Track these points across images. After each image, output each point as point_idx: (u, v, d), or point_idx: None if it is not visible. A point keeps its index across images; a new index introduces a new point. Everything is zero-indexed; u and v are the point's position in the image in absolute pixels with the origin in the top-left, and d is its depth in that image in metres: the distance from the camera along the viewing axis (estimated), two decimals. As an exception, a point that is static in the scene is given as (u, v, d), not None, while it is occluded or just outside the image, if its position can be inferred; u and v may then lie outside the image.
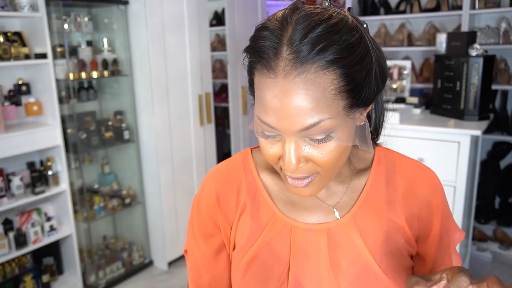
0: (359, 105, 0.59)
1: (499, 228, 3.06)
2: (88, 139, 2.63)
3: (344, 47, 0.54)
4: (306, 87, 0.53)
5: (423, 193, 0.71)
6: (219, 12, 3.86)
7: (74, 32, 2.61)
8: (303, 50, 0.53)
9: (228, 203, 0.75)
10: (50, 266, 2.59)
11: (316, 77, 0.53)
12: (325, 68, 0.53)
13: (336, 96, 0.55)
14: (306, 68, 0.53)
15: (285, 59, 0.54)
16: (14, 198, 2.29)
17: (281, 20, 0.56)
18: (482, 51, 2.25)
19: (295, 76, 0.53)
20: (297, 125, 0.55)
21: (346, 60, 0.54)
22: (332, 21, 0.55)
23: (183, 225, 3.02)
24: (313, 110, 0.54)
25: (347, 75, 0.55)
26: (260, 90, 0.57)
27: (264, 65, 0.56)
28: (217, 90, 4.09)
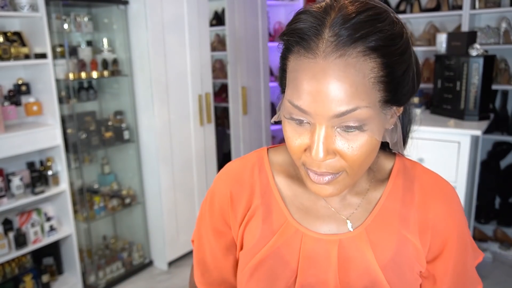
0: (394, 102, 0.57)
1: (499, 228, 3.06)
2: (88, 139, 2.63)
3: (387, 36, 0.53)
4: (346, 70, 0.52)
5: (439, 209, 0.68)
6: (219, 12, 3.86)
7: (74, 32, 2.61)
8: (345, 33, 0.52)
9: (240, 203, 0.73)
10: (50, 266, 2.59)
11: (356, 61, 0.52)
12: (366, 54, 0.52)
13: (375, 85, 0.53)
14: (347, 51, 0.52)
15: (327, 40, 0.53)
16: (14, 198, 2.29)
17: (325, 6, 0.56)
18: (482, 51, 2.25)
19: (336, 58, 0.52)
20: (332, 109, 0.53)
21: (388, 50, 0.53)
22: (376, 11, 0.54)
23: (183, 225, 3.02)
24: (351, 95, 0.52)
25: (388, 65, 0.54)
26: (295, 72, 0.55)
27: (303, 46, 0.54)
28: (217, 90, 4.08)
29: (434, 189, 0.69)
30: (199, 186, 3.11)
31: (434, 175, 0.72)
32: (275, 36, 4.31)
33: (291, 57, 0.57)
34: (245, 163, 0.76)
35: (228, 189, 0.74)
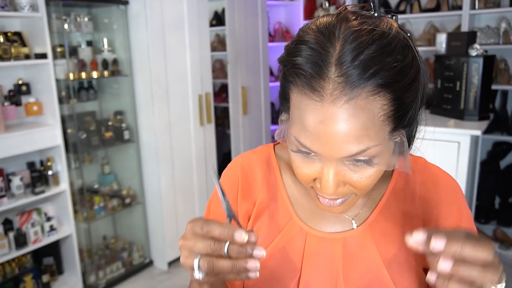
0: (402, 128, 0.56)
1: (499, 228, 3.06)
2: (88, 139, 2.63)
3: (397, 71, 0.50)
4: (355, 114, 0.49)
5: (442, 203, 0.68)
6: (219, 12, 3.86)
7: (74, 32, 2.61)
8: (353, 73, 0.49)
9: (249, 192, 0.73)
10: (50, 266, 2.59)
11: (366, 103, 0.49)
12: (376, 93, 0.50)
13: (384, 121, 0.52)
14: (356, 93, 0.49)
15: (334, 81, 0.49)
16: (14, 198, 2.29)
17: (326, 33, 0.52)
18: (482, 51, 2.25)
19: (345, 102, 0.49)
20: (342, 152, 0.52)
21: (399, 85, 0.51)
22: (385, 41, 0.51)
23: (183, 225, 3.02)
24: (361, 137, 0.51)
25: (398, 99, 0.51)
26: (300, 111, 0.53)
27: (307, 83, 0.51)
28: (217, 90, 4.08)
29: (437, 183, 0.70)
30: (199, 186, 3.11)
31: (436, 170, 0.72)
32: (275, 36, 4.31)
33: (294, 90, 0.54)
34: (256, 157, 0.76)
35: (238, 175, 0.74)
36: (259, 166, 0.75)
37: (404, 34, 0.54)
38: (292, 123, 0.56)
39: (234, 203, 0.74)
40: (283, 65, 0.56)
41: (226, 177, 0.76)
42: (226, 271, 0.51)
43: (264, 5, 3.63)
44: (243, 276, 0.52)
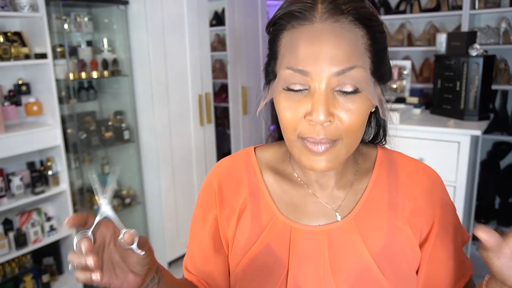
0: (378, 76, 0.62)
1: (499, 228, 3.06)
2: (88, 139, 2.63)
3: (369, 13, 0.59)
4: (342, 32, 0.56)
5: (424, 194, 0.70)
6: (219, 12, 3.86)
7: (74, 32, 2.62)
8: (336, 5, 0.57)
9: (228, 197, 0.74)
10: (50, 266, 2.59)
11: (349, 28, 0.57)
12: (355, 24, 0.58)
13: (365, 51, 0.59)
14: (340, 18, 0.57)
15: (321, 11, 0.58)
16: (14, 198, 2.29)
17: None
18: (482, 51, 2.25)
19: (333, 22, 0.57)
20: (333, 67, 0.56)
21: (373, 23, 0.59)
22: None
23: (183, 225, 3.02)
24: (348, 54, 0.56)
25: (372, 37, 0.59)
26: (291, 43, 0.59)
27: (298, 19, 0.58)
28: (217, 90, 4.09)
29: (418, 175, 0.71)
30: (199, 186, 3.11)
31: (415, 162, 0.74)
32: (275, 36, 4.31)
33: (284, 34, 0.60)
34: (233, 161, 0.77)
35: (217, 182, 0.75)
36: (237, 169, 0.76)
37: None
38: (282, 60, 0.60)
39: (215, 214, 0.75)
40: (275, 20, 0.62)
41: (205, 190, 0.77)
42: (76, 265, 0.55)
43: (264, 5, 3.63)
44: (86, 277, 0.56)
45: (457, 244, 0.72)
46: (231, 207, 0.74)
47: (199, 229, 0.77)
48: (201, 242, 0.77)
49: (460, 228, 0.74)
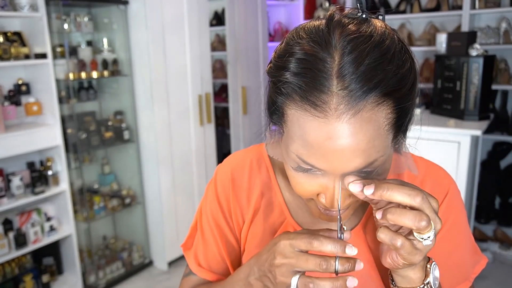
0: (403, 133, 0.54)
1: (499, 228, 3.06)
2: (88, 139, 2.63)
3: (399, 78, 0.49)
4: (362, 127, 0.47)
5: (433, 193, 0.66)
6: (219, 12, 3.86)
7: (74, 32, 2.61)
8: (357, 85, 0.46)
9: (242, 190, 0.73)
10: (50, 266, 2.59)
11: (372, 114, 0.47)
12: (380, 102, 0.48)
13: (388, 131, 0.50)
14: (361, 105, 0.47)
15: (337, 95, 0.47)
16: (14, 198, 2.29)
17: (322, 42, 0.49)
18: (482, 51, 2.24)
19: (351, 116, 0.47)
20: (350, 167, 0.49)
21: (401, 92, 0.49)
22: (384, 47, 0.48)
23: (183, 225, 3.01)
24: (368, 150, 0.49)
25: (401, 107, 0.50)
26: (300, 128, 0.50)
27: (306, 99, 0.48)
28: (217, 90, 4.09)
29: (427, 178, 0.69)
30: (199, 186, 3.11)
31: (427, 165, 0.71)
32: (275, 36, 4.31)
33: (290, 106, 0.50)
34: (246, 157, 0.76)
35: (230, 173, 0.74)
36: (250, 165, 0.74)
37: (398, 36, 0.53)
38: (290, 140, 0.52)
39: (228, 206, 0.74)
40: (274, 80, 0.52)
41: (219, 181, 0.75)
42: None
43: (264, 5, 3.63)
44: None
45: (461, 251, 0.70)
46: (244, 205, 0.73)
47: (214, 220, 0.75)
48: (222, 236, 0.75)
49: (473, 247, 0.71)
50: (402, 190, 0.48)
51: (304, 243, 0.52)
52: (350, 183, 0.50)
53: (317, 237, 0.51)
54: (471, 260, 0.71)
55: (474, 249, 0.72)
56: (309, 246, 0.51)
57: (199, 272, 0.77)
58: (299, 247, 0.52)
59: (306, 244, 0.51)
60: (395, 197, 0.48)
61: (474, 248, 0.72)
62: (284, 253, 0.53)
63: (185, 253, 0.80)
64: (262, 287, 0.59)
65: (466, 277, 0.70)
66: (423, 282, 0.55)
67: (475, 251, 0.72)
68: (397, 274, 0.56)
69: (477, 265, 0.71)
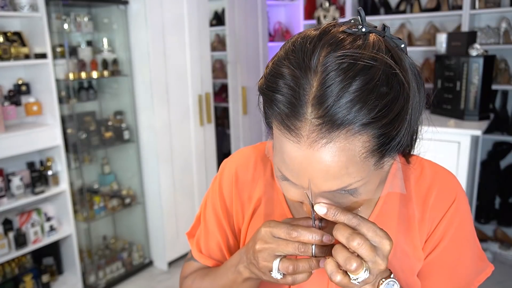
0: (390, 155, 0.53)
1: (499, 228, 3.06)
2: (88, 139, 2.63)
3: (382, 107, 0.46)
4: (334, 156, 0.47)
5: (438, 203, 0.67)
6: (219, 12, 3.86)
7: (74, 32, 2.61)
8: (332, 115, 0.45)
9: (244, 186, 0.74)
10: (50, 266, 2.59)
11: (346, 143, 0.46)
12: (357, 132, 0.46)
13: (367, 157, 0.49)
14: (334, 135, 0.46)
15: (310, 123, 0.47)
16: (14, 198, 2.29)
17: (302, 65, 0.48)
18: (482, 51, 2.24)
19: (322, 146, 0.47)
20: (322, 188, 0.51)
21: (383, 121, 0.47)
22: (367, 76, 0.46)
23: (183, 225, 3.01)
24: (341, 176, 0.49)
25: (382, 135, 0.48)
26: (279, 145, 0.52)
27: (282, 122, 0.49)
28: (217, 90, 4.09)
29: (434, 184, 0.68)
30: (199, 186, 3.11)
31: (434, 170, 0.70)
32: (275, 36, 4.31)
33: (274, 122, 0.52)
34: (252, 153, 0.77)
35: (234, 168, 0.76)
36: (255, 163, 0.76)
37: (394, 55, 0.50)
38: (274, 151, 0.55)
39: (230, 201, 0.76)
40: (263, 95, 0.54)
41: (224, 176, 0.77)
42: (307, 270, 0.56)
43: (264, 5, 3.63)
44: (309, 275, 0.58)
45: (465, 259, 0.69)
46: (246, 200, 0.74)
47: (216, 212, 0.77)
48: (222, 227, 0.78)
49: (478, 253, 0.70)
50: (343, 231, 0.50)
51: (283, 233, 0.55)
52: (317, 204, 0.53)
53: (296, 228, 0.55)
54: (476, 267, 0.70)
55: (480, 256, 0.71)
56: (288, 236, 0.55)
57: (200, 258, 0.80)
58: (279, 236, 0.56)
59: (285, 234, 0.55)
60: (336, 236, 0.51)
61: (480, 256, 0.71)
62: (265, 239, 0.57)
63: (189, 240, 0.84)
64: (250, 274, 0.62)
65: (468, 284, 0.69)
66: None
67: (481, 258, 0.71)
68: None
69: (482, 273, 0.70)
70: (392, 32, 3.12)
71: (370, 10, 3.40)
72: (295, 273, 0.56)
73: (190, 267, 0.82)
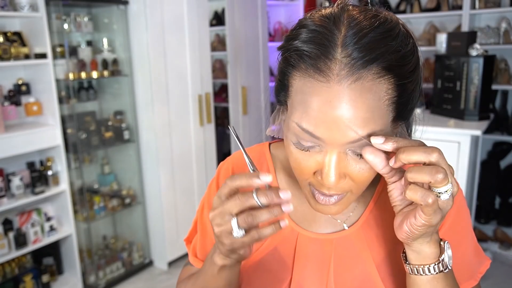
0: (402, 119, 0.55)
1: (499, 228, 3.06)
2: (88, 139, 2.63)
3: (400, 56, 0.51)
4: (362, 94, 0.49)
5: None
6: (219, 12, 3.86)
7: (74, 32, 2.61)
8: (359, 55, 0.49)
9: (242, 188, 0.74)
10: (50, 266, 2.59)
11: (372, 84, 0.49)
12: (381, 75, 0.50)
13: (388, 106, 0.51)
14: (363, 74, 0.49)
15: (340, 62, 0.49)
16: (14, 198, 2.29)
17: (331, 17, 0.52)
18: (482, 51, 2.24)
19: (352, 82, 0.49)
20: (348, 136, 0.50)
21: (402, 70, 0.51)
22: (388, 26, 0.51)
23: (183, 225, 3.02)
24: (367, 120, 0.49)
25: (401, 85, 0.51)
26: (304, 94, 0.52)
27: (312, 65, 0.50)
28: (217, 90, 4.09)
29: None
30: (199, 186, 3.11)
31: None
32: (275, 36, 4.31)
33: (296, 75, 0.53)
34: (249, 154, 0.76)
35: (231, 168, 0.75)
36: None
37: (404, 24, 0.56)
38: (293, 110, 0.54)
39: None
40: (284, 51, 0.55)
41: (221, 178, 0.77)
42: (265, 218, 0.51)
43: (264, 5, 3.63)
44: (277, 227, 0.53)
45: (466, 249, 0.69)
46: None
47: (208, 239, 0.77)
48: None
49: (475, 248, 0.71)
50: (418, 149, 0.48)
51: (223, 187, 0.53)
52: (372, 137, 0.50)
53: (232, 176, 0.53)
54: (477, 260, 0.71)
55: (477, 249, 0.72)
56: (226, 187, 0.53)
57: (195, 262, 0.79)
58: (224, 194, 0.53)
59: (224, 187, 0.53)
60: (412, 158, 0.48)
61: (478, 249, 0.72)
62: (214, 205, 0.54)
63: (187, 246, 0.83)
64: (222, 259, 0.59)
65: (471, 275, 0.70)
66: (438, 258, 0.55)
67: (478, 251, 0.72)
68: (412, 249, 0.55)
69: (482, 266, 0.71)
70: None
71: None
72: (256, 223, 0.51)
73: (186, 272, 0.82)
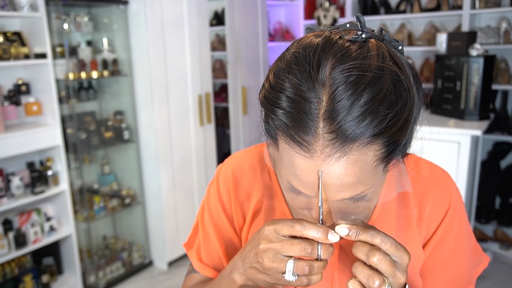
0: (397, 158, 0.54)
1: (500, 228, 3.06)
2: (88, 139, 2.63)
3: (392, 116, 0.47)
4: (347, 168, 0.47)
5: (433, 200, 0.67)
6: (219, 12, 3.86)
7: (74, 32, 2.61)
8: (345, 130, 0.45)
9: (242, 188, 0.73)
10: (50, 266, 2.59)
11: (359, 155, 0.47)
12: (369, 143, 0.47)
13: (377, 165, 0.50)
14: (347, 149, 0.46)
15: (323, 138, 0.46)
16: (13, 198, 2.28)
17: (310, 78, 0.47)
18: (483, 51, 2.24)
19: (336, 160, 0.47)
20: (335, 198, 0.51)
21: (392, 130, 0.48)
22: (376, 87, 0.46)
23: (183, 225, 3.01)
24: (354, 186, 0.49)
25: (391, 142, 0.49)
26: (289, 160, 0.50)
27: (292, 138, 0.48)
28: (217, 90, 4.08)
29: (428, 181, 0.69)
30: (199, 186, 3.11)
31: (427, 166, 0.71)
32: (275, 36, 4.31)
33: (281, 136, 0.51)
34: (247, 157, 0.76)
35: (231, 171, 0.75)
36: (251, 167, 0.74)
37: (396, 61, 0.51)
38: (282, 164, 0.53)
39: (229, 205, 0.74)
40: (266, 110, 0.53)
41: (221, 181, 0.76)
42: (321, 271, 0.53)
43: (264, 5, 3.63)
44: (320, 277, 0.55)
45: (465, 257, 0.70)
46: (245, 204, 0.73)
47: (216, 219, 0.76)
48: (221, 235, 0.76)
49: (474, 246, 0.71)
50: (362, 247, 0.50)
51: (287, 227, 0.53)
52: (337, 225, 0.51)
53: (300, 221, 0.52)
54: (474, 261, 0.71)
55: (476, 249, 0.72)
56: (292, 229, 0.52)
57: (202, 269, 0.78)
58: (283, 232, 0.53)
59: (288, 228, 0.53)
60: (355, 253, 0.50)
61: (476, 249, 0.72)
62: (269, 238, 0.54)
63: (188, 252, 0.82)
64: (245, 280, 0.59)
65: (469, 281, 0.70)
66: None
67: (477, 251, 0.72)
68: None
69: (479, 266, 0.72)
70: (392, 32, 3.09)
71: (370, 10, 3.40)
72: (310, 274, 0.53)
73: (190, 281, 0.80)
